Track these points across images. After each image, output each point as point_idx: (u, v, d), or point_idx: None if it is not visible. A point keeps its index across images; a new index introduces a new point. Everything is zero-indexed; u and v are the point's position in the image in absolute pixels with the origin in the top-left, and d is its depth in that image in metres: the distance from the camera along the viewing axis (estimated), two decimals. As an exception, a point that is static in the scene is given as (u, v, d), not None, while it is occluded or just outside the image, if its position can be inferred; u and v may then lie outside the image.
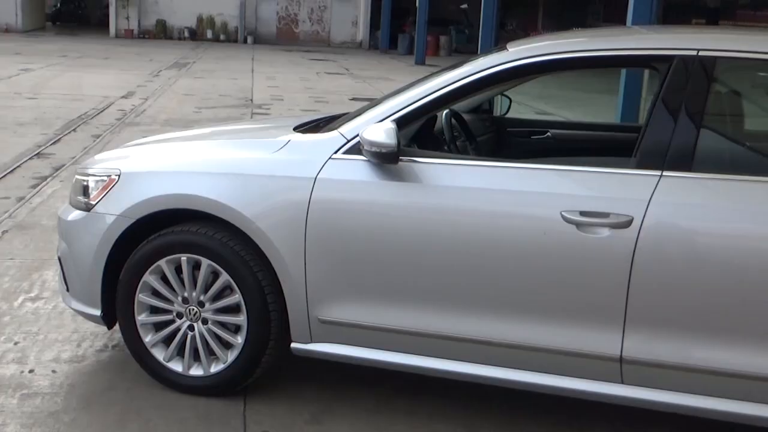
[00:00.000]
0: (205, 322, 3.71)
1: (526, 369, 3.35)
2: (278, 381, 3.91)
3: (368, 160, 3.43)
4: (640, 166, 3.21)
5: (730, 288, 3.05)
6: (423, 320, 3.41)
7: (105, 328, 4.12)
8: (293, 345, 3.64)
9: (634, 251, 3.11)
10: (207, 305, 3.69)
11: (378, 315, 3.46)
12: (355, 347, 3.55)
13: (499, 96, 5.07)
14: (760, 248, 3.04)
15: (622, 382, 3.24)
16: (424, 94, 3.51)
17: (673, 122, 3.20)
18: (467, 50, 28.79)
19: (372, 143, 3.33)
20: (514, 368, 3.37)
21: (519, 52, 3.49)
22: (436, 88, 3.51)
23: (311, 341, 3.60)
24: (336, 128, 3.64)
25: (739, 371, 3.08)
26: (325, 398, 3.79)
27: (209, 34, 34.15)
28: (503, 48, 3.67)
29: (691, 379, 3.16)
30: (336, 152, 3.52)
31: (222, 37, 34.17)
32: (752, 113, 4.54)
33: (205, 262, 3.62)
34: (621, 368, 3.21)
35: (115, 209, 3.72)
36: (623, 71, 10.48)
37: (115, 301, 3.82)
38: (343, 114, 4.17)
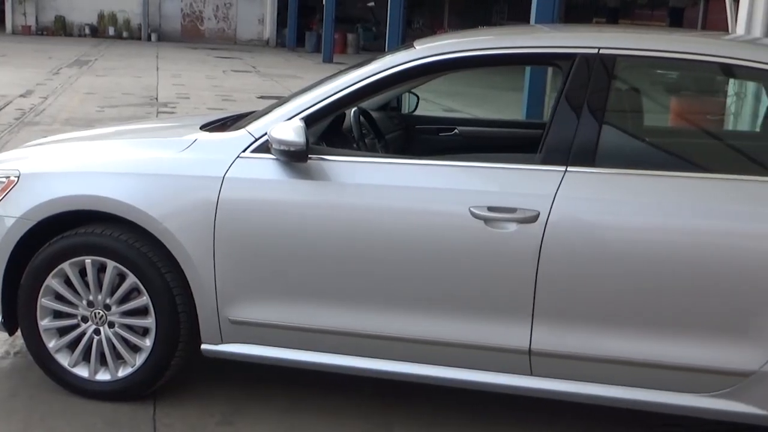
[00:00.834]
0: (111, 325, 3.63)
1: (438, 364, 3.38)
2: (189, 383, 3.85)
3: (277, 159, 3.41)
4: (546, 161, 3.28)
5: (633, 280, 3.14)
6: (334, 318, 3.41)
7: (6, 335, 3.99)
8: (203, 346, 3.59)
9: (541, 245, 3.17)
10: (113, 308, 3.61)
11: (289, 314, 3.45)
12: (266, 347, 3.53)
13: (407, 94, 5.11)
14: (661, 240, 3.14)
15: (532, 374, 3.30)
16: (333, 92, 3.51)
17: (576, 119, 3.28)
18: (374, 48, 28.90)
19: (280, 141, 3.31)
20: (426, 363, 3.39)
21: (426, 50, 3.52)
22: (344, 86, 3.51)
23: (222, 342, 3.56)
24: (244, 127, 3.61)
25: (645, 360, 3.17)
26: (236, 399, 3.76)
27: (111, 31, 33.39)
28: (410, 46, 3.69)
29: (598, 369, 3.25)
30: (244, 151, 3.49)
31: (125, 34, 33.45)
32: (651, 110, 4.68)
33: (111, 264, 3.54)
34: (530, 360, 3.27)
35: (15, 211, 3.60)
36: (528, 69, 10.69)
37: (16, 306, 3.70)
38: (251, 112, 4.13)
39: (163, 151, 3.67)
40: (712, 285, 3.09)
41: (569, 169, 3.23)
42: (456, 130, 5.01)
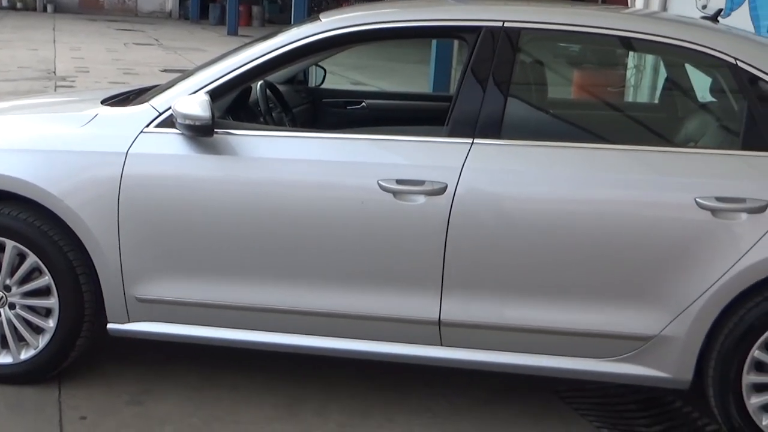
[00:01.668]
0: (12, 307, 3.52)
1: (349, 337, 3.40)
2: (96, 364, 3.77)
3: (182, 134, 3.35)
4: (453, 134, 3.31)
5: (538, 249, 3.21)
6: (243, 294, 3.38)
7: None
8: (109, 326, 3.52)
9: (449, 217, 3.20)
10: (14, 289, 3.50)
11: (196, 290, 3.41)
12: (174, 325, 3.48)
13: (314, 67, 5.07)
14: (565, 210, 3.21)
15: (442, 345, 3.35)
16: (238, 65, 3.46)
17: (482, 92, 3.31)
18: (280, 20, 28.55)
19: (185, 116, 3.25)
20: (337, 337, 3.41)
21: (331, 23, 3.50)
22: (250, 59, 3.46)
23: (129, 321, 3.49)
24: (147, 101, 3.53)
25: (550, 327, 3.25)
26: (146, 378, 3.70)
27: (4, 2, 32.09)
28: (316, 18, 3.66)
29: (506, 338, 3.31)
30: (147, 126, 3.41)
31: (19, 5, 32.17)
32: (554, 82, 4.76)
33: (10, 244, 3.43)
34: (440, 331, 3.31)
35: None
36: (434, 42, 10.74)
37: None
38: (154, 86, 4.04)
39: (62, 126, 3.57)
40: (614, 253, 3.18)
41: (476, 141, 3.26)
42: (363, 104, 5.00)
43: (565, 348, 3.29)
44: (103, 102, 3.84)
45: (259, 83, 4.06)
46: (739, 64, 3.26)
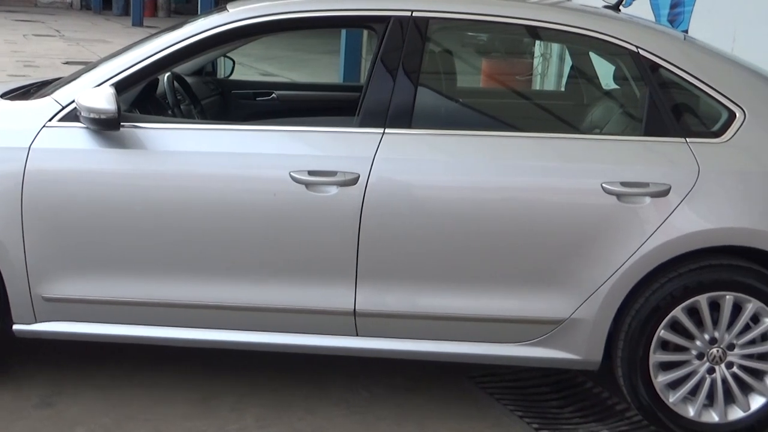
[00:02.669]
0: None
1: (265, 330, 3.38)
2: (2, 366, 3.65)
3: (87, 128, 3.27)
4: (364, 124, 3.31)
5: (450, 237, 3.24)
6: (155, 290, 3.32)
7: None
8: (15, 327, 3.41)
9: (362, 207, 3.21)
10: None
11: (106, 288, 3.33)
12: (83, 323, 3.40)
13: (222, 58, 5.01)
14: (475, 198, 3.25)
15: (357, 335, 3.35)
16: (144, 57, 3.39)
17: (392, 81, 3.32)
18: (186, 11, 28.05)
19: (90, 109, 3.17)
20: (253, 330, 3.38)
21: (239, 13, 3.45)
22: (156, 51, 3.40)
23: (36, 321, 3.39)
24: (49, 94, 3.43)
25: (464, 314, 3.29)
26: (56, 380, 3.60)
27: None
28: (223, 9, 3.62)
29: (421, 326, 3.34)
30: (50, 120, 3.32)
31: None
32: (464, 71, 4.81)
33: None
34: (355, 321, 3.32)
35: None
36: (343, 32, 10.72)
37: None
38: (57, 79, 3.93)
39: (-41, 122, 3.43)
40: (524, 239, 3.23)
41: (387, 131, 3.27)
42: (274, 95, 4.97)
43: (479, 334, 3.34)
44: (2, 96, 3.71)
45: (167, 75, 3.99)
46: (641, 52, 3.34)
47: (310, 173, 3.22)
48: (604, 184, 3.18)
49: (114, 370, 3.71)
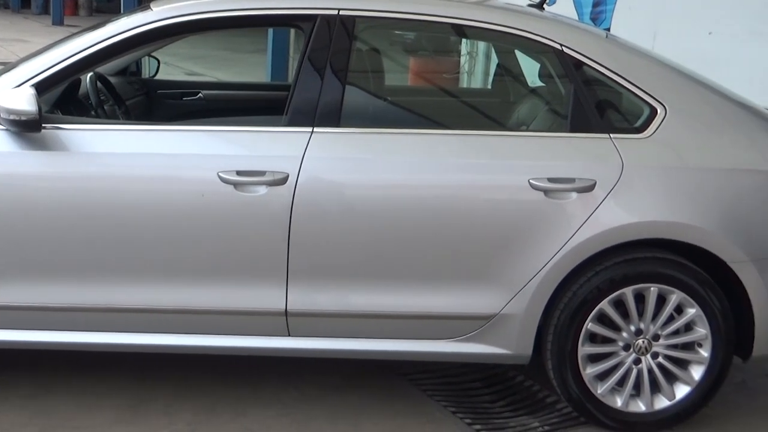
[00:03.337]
0: None
1: (197, 333, 3.34)
2: None
3: (6, 129, 3.18)
4: (292, 123, 3.30)
5: (381, 236, 3.25)
6: (80, 295, 3.26)
7: None
8: (-66, 336, 3.31)
9: (292, 207, 3.19)
10: None
11: (28, 293, 3.25)
12: (4, 331, 3.30)
13: (147, 57, 4.93)
14: (406, 196, 3.27)
15: (289, 335, 3.34)
16: (66, 57, 3.32)
17: (320, 80, 3.31)
18: (109, 10, 27.49)
19: (9, 111, 3.08)
20: (184, 333, 3.34)
21: (163, 12, 3.40)
22: (78, 50, 3.32)
23: (-45, 330, 3.29)
24: (-34, 96, 3.32)
25: (396, 312, 3.30)
26: (-24, 390, 3.51)
27: None
28: (147, 7, 3.56)
29: (353, 325, 3.34)
30: (-32, 122, 3.22)
31: None
32: (391, 69, 4.83)
33: None
34: (287, 322, 3.30)
35: None
36: (270, 31, 10.66)
37: None
38: (-26, 80, 3.80)
39: None
40: (454, 236, 3.26)
41: (315, 130, 3.26)
42: (200, 94, 4.91)
43: (411, 331, 3.35)
44: None
45: (89, 75, 3.91)
46: (565, 50, 3.40)
47: (239, 173, 3.19)
48: (531, 181, 3.22)
49: (38, 378, 3.62)
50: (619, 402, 3.38)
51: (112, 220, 3.21)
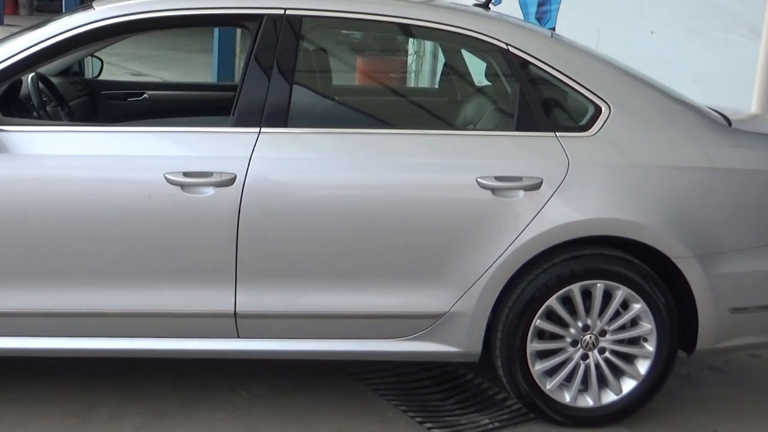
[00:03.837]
0: None
1: (145, 336, 3.30)
2: None
3: (-55, 132, 3.11)
4: (239, 124, 3.28)
5: (330, 236, 3.24)
6: (23, 300, 3.19)
7: None
8: None
9: (240, 208, 3.17)
10: None
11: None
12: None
13: (90, 57, 4.85)
14: (354, 195, 3.26)
15: (239, 337, 3.31)
16: (5, 57, 3.25)
17: (267, 80, 3.29)
18: (50, 9, 26.97)
19: (-53, 113, 3.01)
20: (132, 337, 3.30)
21: (106, 11, 3.35)
22: (19, 50, 3.26)
23: None
24: None
25: (345, 312, 3.30)
26: None
27: None
28: (89, 6, 3.50)
29: (302, 325, 3.33)
30: None
31: None
32: (339, 69, 4.82)
33: None
34: (236, 323, 3.28)
35: None
36: (216, 30, 10.58)
37: None
38: None
39: None
40: (403, 235, 3.26)
41: (263, 130, 3.25)
42: (145, 95, 4.85)
43: (361, 331, 3.35)
44: None
45: (31, 76, 3.83)
46: (511, 49, 3.42)
47: (186, 174, 3.16)
48: (479, 179, 3.24)
49: (-18, 384, 3.56)
50: (567, 397, 3.42)
51: (56, 224, 3.15)
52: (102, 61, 5.01)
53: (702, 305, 3.37)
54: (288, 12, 3.36)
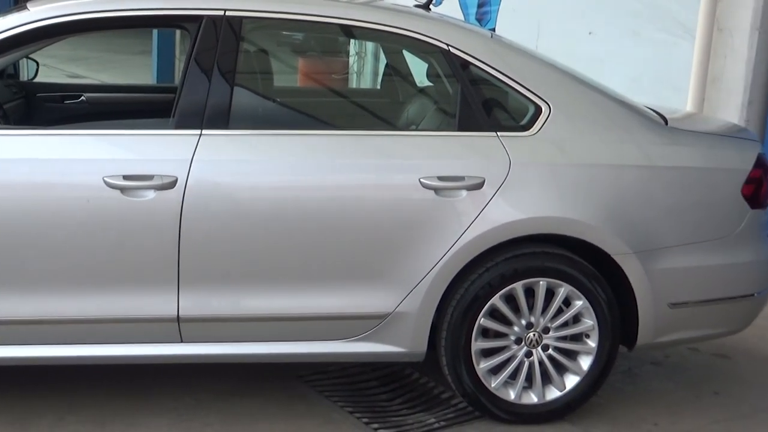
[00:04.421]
0: None
1: (86, 343, 3.24)
2: None
3: None
4: (180, 126, 3.24)
5: (272, 238, 3.22)
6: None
7: None
8: None
9: (181, 211, 3.14)
10: None
11: None
12: None
13: (25, 59, 4.75)
14: (295, 197, 3.25)
15: (182, 341, 3.28)
16: (-64, 59, 3.17)
17: (208, 82, 3.26)
18: (-16, 10, 26.46)
19: None
20: (74, 344, 3.24)
21: (41, 12, 3.29)
22: (-50, 52, 3.18)
23: None
24: None
25: (290, 314, 3.28)
26: None
27: None
28: (23, 7, 3.43)
29: (246, 329, 3.30)
30: None
31: None
32: (280, 71, 4.80)
33: None
34: (179, 328, 3.24)
35: None
36: (155, 32, 10.46)
37: None
38: None
39: None
40: (347, 236, 3.26)
41: (204, 132, 3.21)
42: (83, 97, 4.76)
43: (306, 333, 3.34)
44: None
45: (-37, 78, 3.74)
46: (452, 50, 3.44)
47: (126, 178, 3.11)
48: (421, 179, 3.25)
49: None
50: (512, 395, 3.45)
51: (-8, 229, 3.09)
52: (38, 63, 4.91)
53: (642, 301, 3.43)
54: (228, 13, 3.33)
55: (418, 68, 4.15)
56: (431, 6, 3.94)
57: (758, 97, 5.84)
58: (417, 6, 3.91)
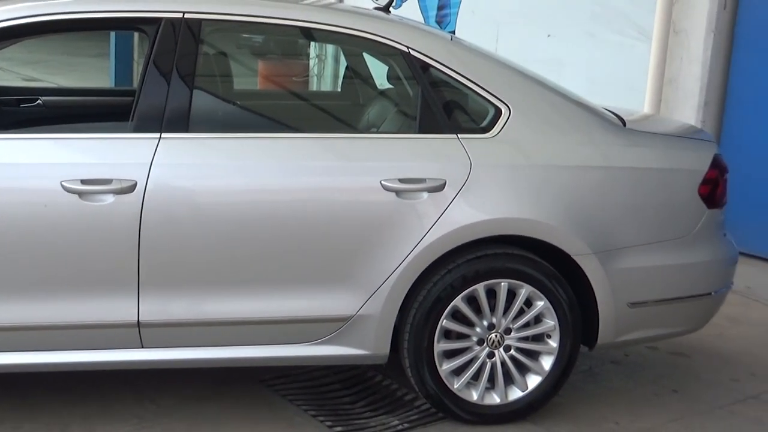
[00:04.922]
0: None
1: (44, 349, 3.19)
2: None
3: None
4: (139, 129, 3.21)
5: (233, 241, 3.21)
6: None
7: None
8: None
9: (141, 215, 3.11)
10: None
11: None
12: None
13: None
14: (258, 200, 3.24)
15: (143, 347, 3.25)
16: None
17: (167, 85, 3.24)
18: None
19: None
20: (32, 351, 3.19)
21: (-4, 15, 3.24)
22: None
23: None
24: None
25: (252, 318, 3.27)
26: None
27: None
28: (-23, 10, 3.37)
29: (208, 333, 3.29)
30: None
31: None
32: (240, 73, 4.77)
33: None
34: (140, 333, 3.21)
35: None
36: (113, 34, 10.35)
37: None
38: None
39: None
40: (308, 239, 3.25)
41: (163, 135, 3.19)
42: (39, 101, 4.70)
43: (268, 336, 3.33)
44: None
45: None
46: (412, 52, 3.45)
47: (84, 182, 3.08)
48: (383, 182, 3.26)
49: None
50: (475, 395, 3.46)
51: (-54, 236, 3.03)
52: (-8, 67, 4.84)
53: (602, 301, 3.47)
54: (187, 15, 3.31)
55: (378, 71, 4.15)
56: (391, 8, 3.95)
57: (714, 99, 5.95)
58: (377, 8, 3.91)
